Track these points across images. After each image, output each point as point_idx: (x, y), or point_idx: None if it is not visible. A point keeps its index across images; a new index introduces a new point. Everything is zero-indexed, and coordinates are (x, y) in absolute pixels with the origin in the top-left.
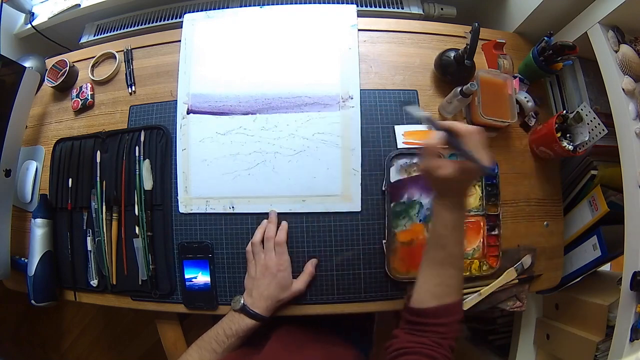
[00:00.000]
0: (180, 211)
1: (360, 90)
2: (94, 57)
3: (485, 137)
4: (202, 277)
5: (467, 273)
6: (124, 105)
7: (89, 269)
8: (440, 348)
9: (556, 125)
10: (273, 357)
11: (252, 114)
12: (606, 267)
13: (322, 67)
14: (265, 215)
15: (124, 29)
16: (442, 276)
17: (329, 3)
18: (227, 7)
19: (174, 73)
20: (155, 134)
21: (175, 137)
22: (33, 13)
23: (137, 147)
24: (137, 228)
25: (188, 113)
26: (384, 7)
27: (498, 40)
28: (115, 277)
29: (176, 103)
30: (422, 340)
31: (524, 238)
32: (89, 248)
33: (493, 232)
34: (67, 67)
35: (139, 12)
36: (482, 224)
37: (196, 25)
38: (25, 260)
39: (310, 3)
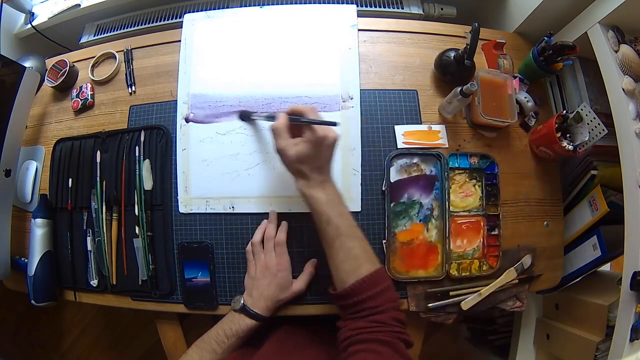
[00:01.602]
0: (180, 211)
1: (360, 90)
2: (94, 57)
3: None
4: (202, 277)
5: (467, 273)
6: (124, 105)
7: (89, 269)
8: (382, 326)
9: (556, 125)
10: (269, 357)
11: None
12: (606, 267)
13: (322, 67)
14: (265, 215)
15: (124, 29)
16: (342, 250)
17: (329, 3)
18: (227, 7)
19: (174, 73)
20: (155, 134)
21: (175, 137)
22: (33, 13)
23: (137, 147)
24: (137, 228)
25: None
26: (384, 7)
27: (498, 40)
28: (115, 277)
29: (176, 103)
30: (361, 325)
31: (524, 238)
32: (89, 248)
33: (493, 232)
34: (67, 67)
35: (139, 12)
36: (482, 224)
37: (196, 25)
38: (25, 260)
39: (310, 3)
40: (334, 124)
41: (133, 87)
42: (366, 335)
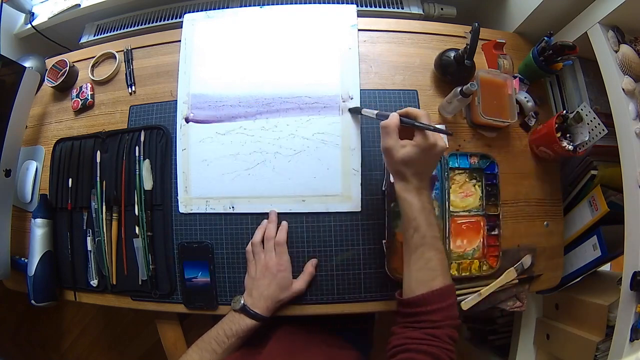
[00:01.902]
0: (180, 211)
1: (360, 90)
2: (94, 57)
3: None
4: (202, 277)
5: (467, 273)
6: (124, 105)
7: (89, 269)
8: (436, 340)
9: (556, 125)
10: (274, 358)
11: (251, 114)
12: (606, 267)
13: (322, 67)
14: (265, 215)
15: (124, 29)
16: (422, 259)
17: (329, 3)
18: (227, 7)
19: (174, 73)
20: (155, 134)
21: (175, 137)
22: (33, 13)
23: (137, 147)
24: (137, 228)
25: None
26: (384, 7)
27: (498, 40)
28: (115, 277)
29: (176, 103)
30: (415, 335)
31: (524, 238)
32: (89, 248)
33: (493, 232)
34: (67, 67)
35: (139, 12)
36: (482, 224)
37: (196, 25)
38: (25, 260)
39: (310, 3)
40: (448, 133)
41: (133, 87)
42: (417, 345)
